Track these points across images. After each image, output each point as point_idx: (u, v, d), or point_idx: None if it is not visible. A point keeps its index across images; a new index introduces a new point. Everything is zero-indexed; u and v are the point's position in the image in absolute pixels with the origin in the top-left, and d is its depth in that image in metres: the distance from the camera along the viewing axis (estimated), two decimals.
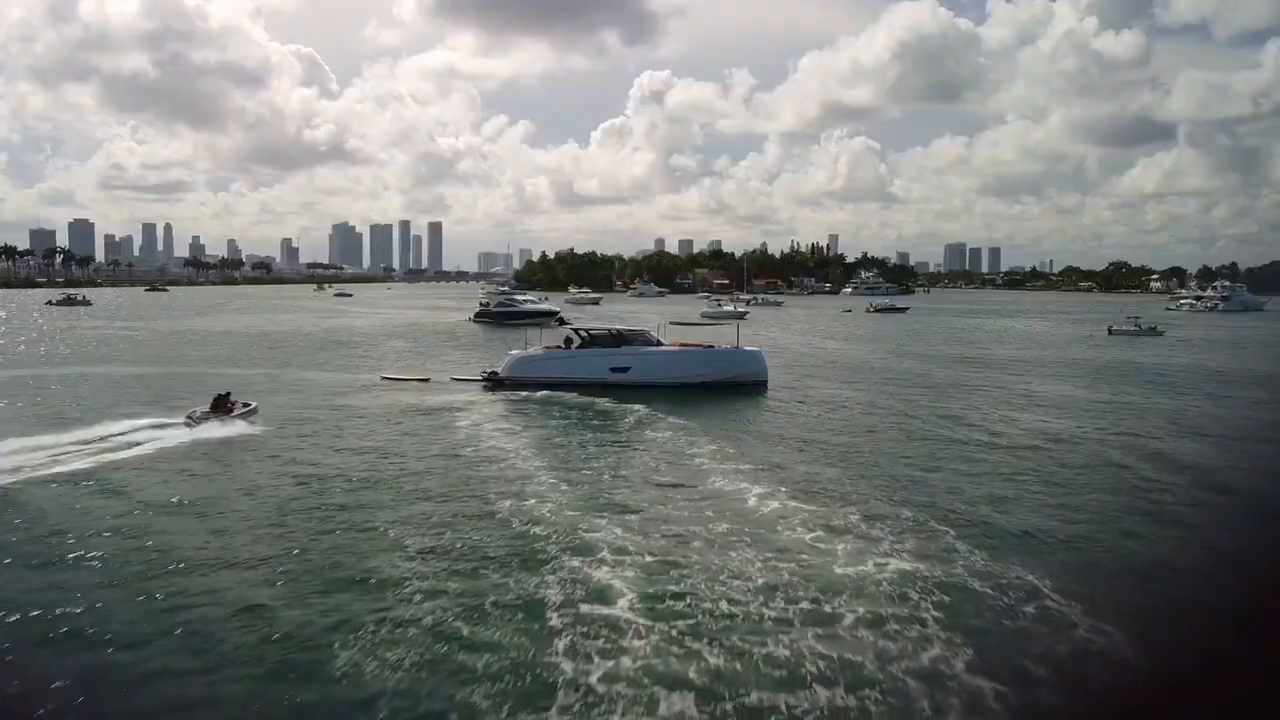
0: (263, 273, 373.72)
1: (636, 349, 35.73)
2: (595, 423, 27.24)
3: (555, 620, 11.25)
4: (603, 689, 9.51)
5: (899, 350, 59.09)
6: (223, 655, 10.42)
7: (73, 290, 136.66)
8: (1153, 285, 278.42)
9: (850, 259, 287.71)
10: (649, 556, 13.72)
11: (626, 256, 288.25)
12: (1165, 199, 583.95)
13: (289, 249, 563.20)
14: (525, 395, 32.28)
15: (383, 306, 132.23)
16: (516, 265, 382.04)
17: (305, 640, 10.76)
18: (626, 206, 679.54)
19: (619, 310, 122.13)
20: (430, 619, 11.30)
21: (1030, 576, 12.87)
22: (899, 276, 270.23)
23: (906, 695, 9.48)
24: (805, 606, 11.76)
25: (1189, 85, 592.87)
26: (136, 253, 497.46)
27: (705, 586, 12.48)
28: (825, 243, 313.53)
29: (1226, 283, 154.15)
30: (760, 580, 12.72)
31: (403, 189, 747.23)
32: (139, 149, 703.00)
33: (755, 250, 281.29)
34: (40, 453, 19.93)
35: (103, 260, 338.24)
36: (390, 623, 11.18)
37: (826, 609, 11.67)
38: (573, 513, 16.24)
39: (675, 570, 13.15)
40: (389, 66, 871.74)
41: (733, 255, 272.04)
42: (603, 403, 30.34)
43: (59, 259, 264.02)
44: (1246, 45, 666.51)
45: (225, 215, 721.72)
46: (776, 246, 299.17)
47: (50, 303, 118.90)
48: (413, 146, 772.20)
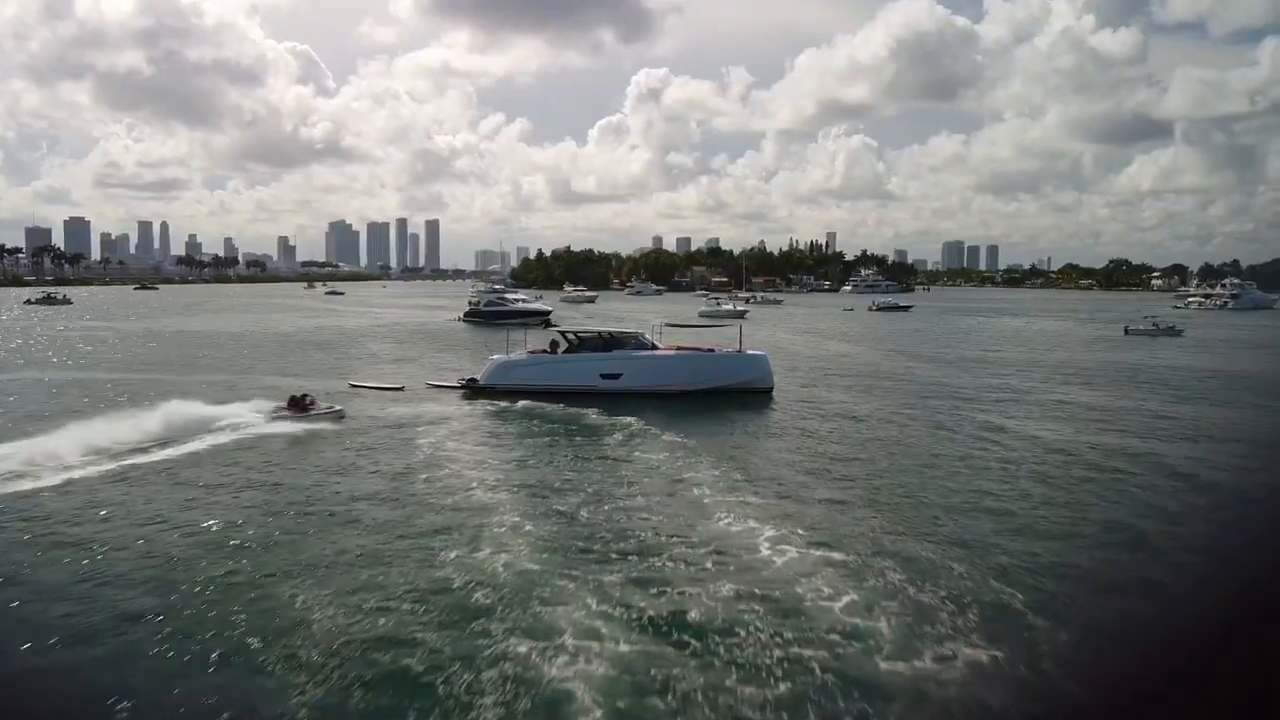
0: (257, 271, 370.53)
1: (629, 353, 32.43)
2: (578, 440, 23.76)
3: None
4: None
5: (908, 352, 55.67)
6: None
7: (53, 289, 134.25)
8: (1154, 283, 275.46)
9: (849, 257, 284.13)
10: (627, 644, 10.23)
11: (624, 254, 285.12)
12: (1162, 196, 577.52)
13: (285, 247, 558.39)
14: (506, 405, 29.14)
15: (373, 305, 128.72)
16: (514, 263, 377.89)
17: None
18: (624, 204, 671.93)
19: (615, 309, 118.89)
20: None
21: None
22: (899, 274, 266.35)
23: None
24: None
25: (1185, 83, 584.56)
26: (133, 251, 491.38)
27: (704, 694, 9.07)
28: (823, 240, 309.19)
29: (1236, 280, 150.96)
30: (782, 683, 9.31)
31: (399, 187, 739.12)
32: (135, 147, 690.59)
33: (754, 248, 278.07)
34: None
35: (97, 259, 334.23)
36: None
37: None
38: (534, 567, 12.85)
39: (662, 667, 9.69)
40: (385, 64, 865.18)
41: (731, 253, 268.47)
42: (590, 414, 26.99)
43: (48, 257, 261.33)
44: (1243, 43, 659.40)
45: (222, 213, 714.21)
46: (774, 245, 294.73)
47: (29, 301, 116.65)
48: (409, 144, 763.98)
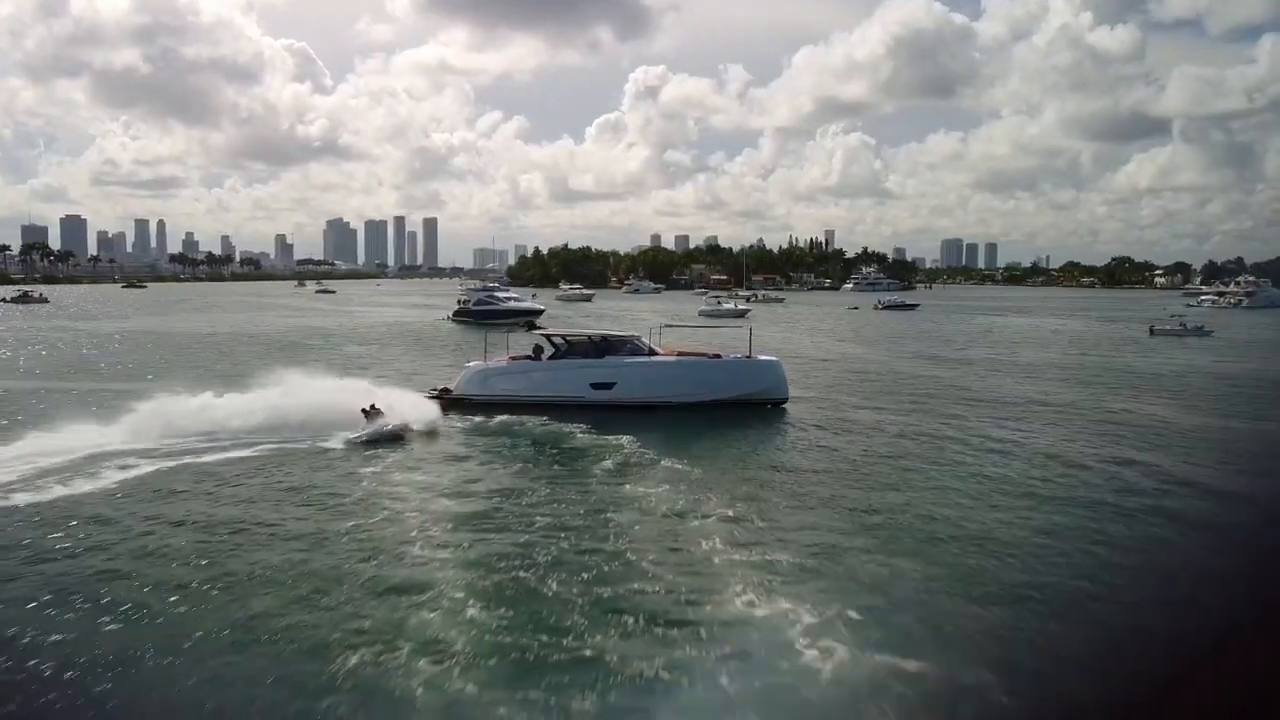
0: (251, 269, 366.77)
1: (624, 359, 28.46)
2: (556, 468, 19.72)
3: None
4: None
5: (927, 354, 51.62)
6: None
7: (29, 288, 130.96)
8: (1157, 281, 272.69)
9: (849, 254, 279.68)
10: None
11: (622, 252, 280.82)
12: (1160, 194, 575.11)
13: (283, 245, 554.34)
14: (481, 420, 25.26)
15: (363, 304, 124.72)
16: (512, 261, 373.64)
17: None
18: (621, 202, 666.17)
19: (612, 307, 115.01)
20: None
21: None
22: (900, 272, 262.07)
23: None
24: None
25: (1183, 80, 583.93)
26: (129, 249, 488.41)
27: None
28: (821, 238, 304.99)
29: (1250, 278, 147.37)
30: None
31: (397, 185, 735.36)
32: (132, 145, 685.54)
33: (753, 245, 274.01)
34: None
35: (95, 256, 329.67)
36: None
37: None
38: (469, 690, 8.91)
39: None
40: (382, 61, 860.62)
41: (730, 251, 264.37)
42: (575, 432, 23.07)
43: (36, 255, 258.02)
44: (1241, 40, 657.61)
45: (219, 211, 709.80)
46: (772, 242, 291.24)
47: (3, 300, 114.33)
48: (407, 142, 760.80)
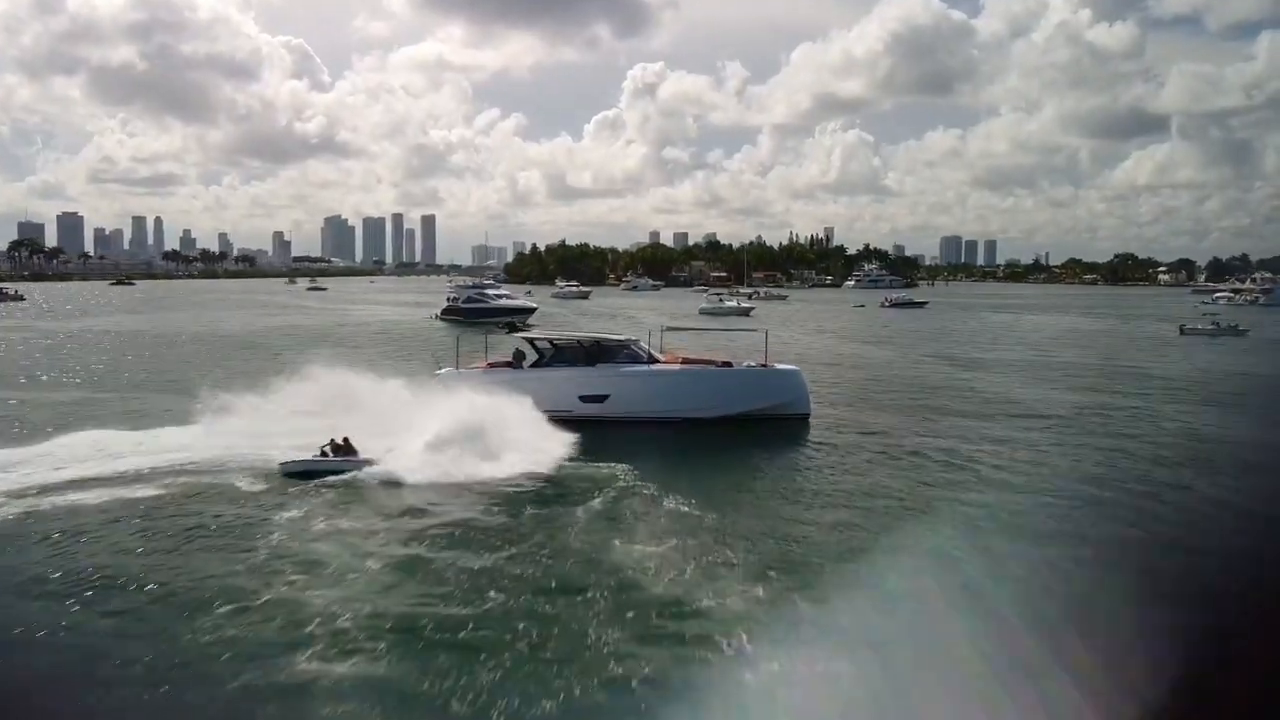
0: (246, 266, 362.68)
1: (619, 367, 24.60)
2: (530, 510, 15.54)
3: None
4: None
5: (947, 356, 47.61)
6: None
7: (6, 285, 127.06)
8: (1161, 278, 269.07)
9: (850, 251, 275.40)
10: None
11: (620, 249, 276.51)
12: (1158, 191, 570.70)
13: (280, 242, 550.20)
14: None
15: (353, 302, 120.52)
16: (510, 259, 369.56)
17: None
18: (620, 200, 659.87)
19: (609, 305, 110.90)
20: None
21: None
22: (901, 269, 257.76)
23: None
24: None
25: (1182, 77, 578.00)
26: (126, 246, 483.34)
27: None
28: (821, 235, 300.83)
29: (1268, 275, 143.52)
30: None
31: (395, 182, 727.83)
32: (129, 142, 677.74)
33: (753, 242, 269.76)
34: None
35: (92, 254, 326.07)
36: None
37: None
38: None
39: None
40: (379, 58, 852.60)
41: (730, 247, 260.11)
42: (556, 461, 19.07)
43: (24, 252, 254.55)
44: (1239, 37, 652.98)
45: (217, 209, 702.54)
46: (771, 240, 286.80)
47: None
48: (404, 139, 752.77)
